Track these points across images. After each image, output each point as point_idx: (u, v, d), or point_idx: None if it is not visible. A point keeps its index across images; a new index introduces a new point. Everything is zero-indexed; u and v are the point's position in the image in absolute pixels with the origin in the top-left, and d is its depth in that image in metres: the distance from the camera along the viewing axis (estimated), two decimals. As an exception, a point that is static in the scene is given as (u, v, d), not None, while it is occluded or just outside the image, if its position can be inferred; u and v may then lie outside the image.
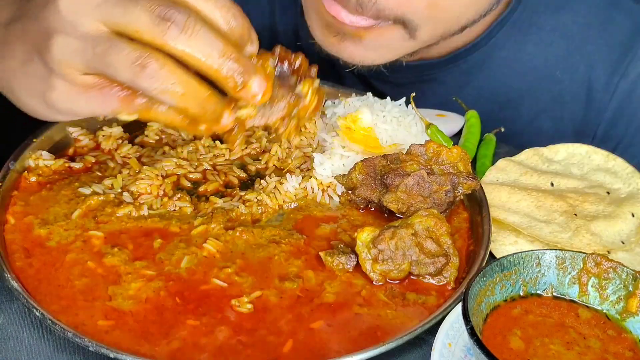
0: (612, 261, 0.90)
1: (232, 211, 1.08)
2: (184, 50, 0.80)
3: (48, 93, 0.87)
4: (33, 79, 0.88)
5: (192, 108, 0.82)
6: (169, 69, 0.80)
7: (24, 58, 0.89)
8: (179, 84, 0.81)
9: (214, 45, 0.80)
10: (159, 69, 0.79)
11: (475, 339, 0.79)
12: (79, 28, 0.82)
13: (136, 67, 0.79)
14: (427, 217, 1.01)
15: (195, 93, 0.82)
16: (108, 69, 0.82)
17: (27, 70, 0.88)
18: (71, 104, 0.87)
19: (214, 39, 0.80)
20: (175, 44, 0.79)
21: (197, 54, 0.80)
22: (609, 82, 1.38)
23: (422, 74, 1.42)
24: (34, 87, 0.89)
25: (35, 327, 0.94)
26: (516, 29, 1.38)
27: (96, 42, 0.81)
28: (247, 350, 0.89)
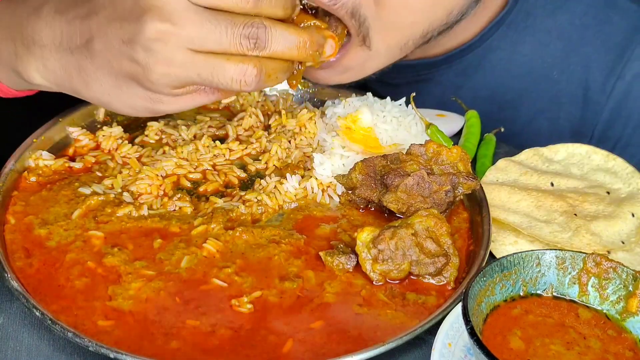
0: (612, 261, 0.90)
1: (232, 211, 1.08)
2: (272, 54, 0.94)
3: (158, 106, 0.99)
4: (132, 98, 0.99)
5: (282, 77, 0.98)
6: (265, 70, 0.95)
7: (116, 84, 0.98)
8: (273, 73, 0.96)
9: (292, 42, 0.96)
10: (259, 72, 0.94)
11: (475, 339, 0.79)
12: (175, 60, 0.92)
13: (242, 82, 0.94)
14: (427, 217, 1.01)
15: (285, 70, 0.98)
16: (216, 84, 0.95)
17: (123, 92, 0.98)
18: (179, 107, 1.00)
19: (290, 36, 0.95)
20: (265, 52, 0.94)
21: (280, 52, 0.95)
22: (605, 83, 1.38)
23: (418, 74, 1.42)
24: (135, 103, 0.99)
25: (35, 327, 0.94)
26: (512, 29, 1.38)
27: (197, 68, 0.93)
28: (247, 350, 0.89)
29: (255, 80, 0.94)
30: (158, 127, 1.25)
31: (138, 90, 0.97)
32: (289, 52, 0.96)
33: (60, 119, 1.22)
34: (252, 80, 0.94)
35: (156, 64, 0.92)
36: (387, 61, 1.24)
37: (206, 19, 0.91)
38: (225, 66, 0.93)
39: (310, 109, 1.29)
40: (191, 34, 0.91)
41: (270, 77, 0.96)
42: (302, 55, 0.97)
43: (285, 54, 0.96)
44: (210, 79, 0.94)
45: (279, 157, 1.20)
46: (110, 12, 0.95)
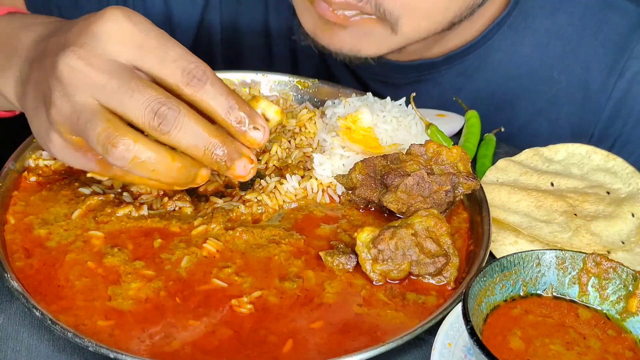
0: (612, 261, 0.90)
1: (232, 211, 1.08)
2: (172, 141, 0.87)
3: (47, 143, 0.94)
4: (41, 126, 0.95)
5: (163, 179, 0.89)
6: (139, 147, 0.86)
7: (36, 105, 0.95)
8: (147, 161, 0.86)
9: (201, 137, 0.87)
10: (127, 149, 0.85)
11: (475, 339, 0.79)
12: (74, 99, 0.88)
13: (107, 145, 0.85)
14: (427, 217, 1.01)
15: (166, 168, 0.88)
16: (87, 141, 0.88)
17: (38, 116, 0.95)
18: (63, 157, 0.95)
19: (202, 131, 0.87)
20: (165, 137, 0.86)
21: (184, 145, 0.87)
22: (605, 83, 1.38)
23: (418, 75, 1.42)
24: (40, 131, 0.95)
25: (35, 327, 0.94)
26: (512, 30, 1.39)
27: (82, 112, 0.87)
28: (247, 350, 0.89)
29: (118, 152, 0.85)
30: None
31: (43, 119, 0.93)
32: (193, 149, 0.87)
33: (60, 119, 1.22)
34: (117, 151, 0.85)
35: (57, 97, 0.88)
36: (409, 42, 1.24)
37: (125, 77, 0.86)
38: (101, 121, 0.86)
39: (310, 109, 1.29)
40: (99, 83, 0.86)
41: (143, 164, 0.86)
42: (206, 159, 0.88)
43: (187, 149, 0.87)
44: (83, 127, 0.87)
45: (279, 157, 1.20)
46: (61, 37, 0.93)
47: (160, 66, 0.88)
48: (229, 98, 0.89)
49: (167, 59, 0.88)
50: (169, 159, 0.88)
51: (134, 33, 0.88)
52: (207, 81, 0.88)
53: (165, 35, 0.90)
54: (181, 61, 0.88)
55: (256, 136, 0.91)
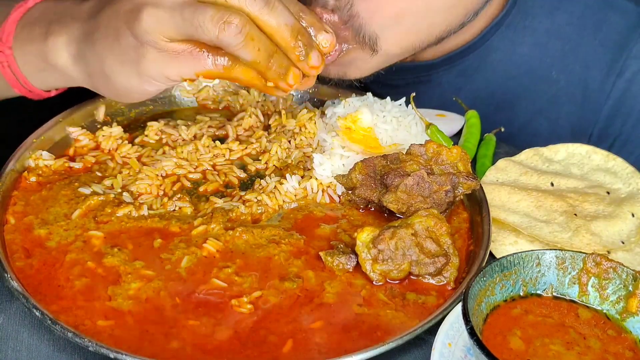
0: (612, 261, 0.90)
1: (232, 211, 1.08)
2: (265, 20, 0.95)
3: (141, 61, 0.98)
4: (126, 51, 0.99)
5: (263, 61, 0.97)
6: (249, 26, 0.94)
7: (116, 35, 0.99)
8: (256, 39, 0.95)
9: (289, 20, 0.96)
10: (242, 26, 0.93)
11: (475, 339, 0.79)
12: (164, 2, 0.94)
13: (222, 24, 0.92)
14: (427, 217, 1.01)
15: (268, 49, 0.96)
16: (196, 29, 0.93)
17: (120, 45, 0.99)
18: (162, 69, 0.99)
19: (289, 15, 0.96)
20: (259, 14, 0.94)
21: (275, 24, 0.95)
22: (604, 82, 1.38)
23: (418, 75, 1.42)
24: (127, 58, 1.00)
25: (35, 327, 0.94)
26: (511, 30, 1.39)
27: (183, 8, 0.93)
28: (247, 350, 0.90)
29: (234, 31, 0.92)
30: (158, 127, 1.25)
31: (129, 43, 0.97)
32: (281, 28, 0.95)
33: (60, 119, 1.22)
34: (232, 30, 0.92)
35: (148, 4, 0.94)
36: (395, 60, 1.24)
37: None
38: (209, 7, 0.92)
39: (310, 109, 1.29)
40: None
41: (253, 41, 0.94)
42: (292, 38, 0.96)
43: (277, 29, 0.95)
44: (190, 19, 0.93)
45: (278, 157, 1.20)
46: None
47: None
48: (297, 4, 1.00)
49: None
50: (269, 40, 0.96)
51: None
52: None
53: None
54: None
55: (326, 37, 1.02)
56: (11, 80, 1.13)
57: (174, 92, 1.34)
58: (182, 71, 0.99)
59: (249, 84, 1.01)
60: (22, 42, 1.11)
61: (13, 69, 1.12)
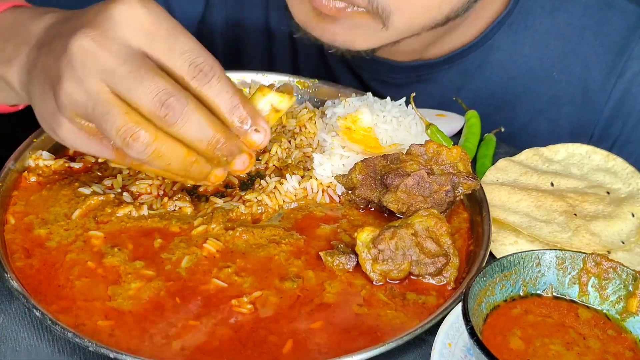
0: (612, 261, 0.90)
1: (232, 211, 1.08)
2: (177, 133, 0.87)
3: (57, 129, 0.93)
4: (48, 111, 0.93)
5: (179, 173, 0.90)
6: (158, 141, 0.86)
7: (44, 89, 0.93)
8: (166, 155, 0.87)
9: (205, 131, 0.87)
10: (149, 143, 0.86)
11: (475, 339, 0.79)
12: (84, 83, 0.87)
13: (127, 140, 0.85)
14: (427, 217, 1.01)
15: (181, 161, 0.89)
16: (104, 131, 0.87)
17: (45, 101, 0.93)
18: (74, 143, 0.93)
19: (207, 126, 0.87)
20: (171, 128, 0.86)
21: (188, 138, 0.87)
22: (605, 83, 1.38)
23: (418, 74, 1.42)
24: (48, 118, 0.94)
25: (35, 327, 0.94)
26: (512, 30, 1.39)
27: (96, 102, 0.87)
28: (247, 351, 0.89)
29: (139, 146, 0.85)
30: (158, 127, 1.25)
31: (50, 104, 0.92)
32: (197, 142, 0.88)
33: (60, 119, 1.22)
34: (137, 147, 0.85)
35: (67, 79, 0.88)
36: (403, 36, 1.23)
37: (136, 63, 0.86)
38: (119, 115, 0.86)
39: (310, 109, 1.29)
40: (110, 66, 0.86)
41: (161, 158, 0.87)
42: (208, 152, 0.89)
43: (191, 142, 0.88)
44: (99, 118, 0.87)
45: (278, 157, 1.20)
46: (74, 21, 0.92)
47: (169, 56, 0.88)
48: (233, 96, 0.89)
49: (176, 49, 0.88)
50: (184, 153, 0.89)
51: (147, 20, 0.88)
52: (213, 76, 0.88)
53: (178, 27, 0.90)
54: (190, 53, 0.88)
55: (256, 138, 0.91)
56: None
57: (174, 92, 1.34)
58: (92, 152, 0.95)
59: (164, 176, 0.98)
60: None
61: None
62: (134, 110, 0.86)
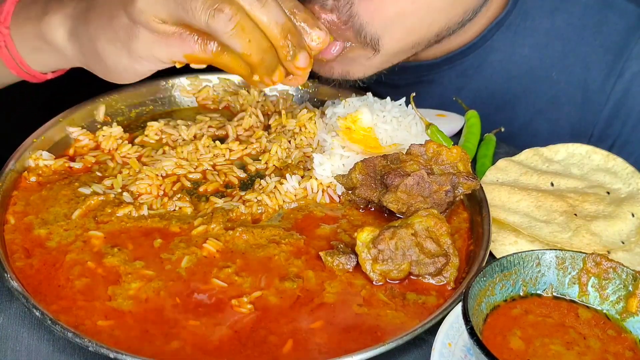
0: (612, 261, 0.90)
1: (232, 211, 1.09)
2: (256, 16, 0.94)
3: (132, 41, 0.98)
4: (118, 30, 0.99)
5: (254, 55, 0.95)
6: (241, 15, 0.93)
7: (110, 14, 1.00)
8: (247, 30, 0.94)
9: (280, 18, 0.96)
10: (233, 14, 0.92)
11: (475, 339, 0.79)
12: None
13: (213, 11, 0.92)
14: (427, 217, 1.01)
15: (258, 42, 0.95)
16: (187, 14, 0.93)
17: (113, 24, 1.00)
18: (152, 50, 0.99)
19: (280, 13, 0.96)
20: (250, 9, 0.93)
21: (265, 21, 0.95)
22: (604, 83, 1.38)
23: (418, 75, 1.42)
24: (119, 39, 1.00)
25: (35, 327, 0.94)
26: (511, 31, 1.39)
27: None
28: (247, 350, 0.90)
29: (224, 18, 0.92)
30: (158, 127, 1.25)
31: (123, 22, 0.98)
32: (272, 25, 0.95)
33: (60, 119, 1.22)
34: (222, 18, 0.91)
35: None
36: (398, 59, 1.24)
37: None
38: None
39: (310, 109, 1.29)
40: None
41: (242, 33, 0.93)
42: (281, 36, 0.95)
43: (267, 25, 0.94)
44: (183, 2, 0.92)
45: (278, 157, 1.20)
46: None
47: None
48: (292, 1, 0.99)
49: None
50: (261, 34, 0.95)
51: None
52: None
53: None
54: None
55: (319, 34, 1.00)
56: (8, 61, 1.14)
57: (174, 92, 1.34)
58: (171, 53, 0.99)
59: (235, 72, 1.01)
60: (20, 22, 1.11)
61: (10, 49, 1.13)
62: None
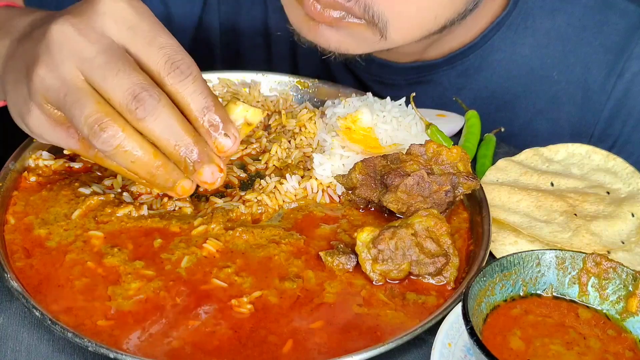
0: (612, 261, 0.90)
1: (232, 211, 1.08)
2: (145, 129, 0.85)
3: (25, 115, 0.93)
4: (19, 98, 0.93)
5: (142, 174, 0.88)
6: (125, 136, 0.85)
7: (18, 77, 0.93)
8: (131, 152, 0.86)
9: (174, 131, 0.86)
10: (114, 136, 0.84)
11: (475, 339, 0.79)
12: (59, 68, 0.87)
13: (94, 128, 0.84)
14: (427, 217, 1.01)
15: (145, 162, 0.87)
16: (72, 118, 0.86)
17: (17, 88, 0.93)
18: (41, 131, 0.93)
19: (177, 126, 0.86)
20: (140, 123, 0.85)
21: (156, 135, 0.86)
22: (605, 83, 1.38)
23: (418, 75, 1.42)
24: (19, 106, 0.94)
25: (35, 327, 0.94)
26: (512, 31, 1.39)
27: (69, 88, 0.86)
28: (247, 350, 0.89)
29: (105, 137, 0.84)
30: (158, 127, 1.25)
31: (23, 92, 0.92)
32: (164, 141, 0.86)
33: (60, 119, 1.22)
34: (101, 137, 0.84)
35: (43, 63, 0.87)
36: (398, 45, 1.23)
37: (114, 55, 0.86)
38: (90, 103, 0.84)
39: (310, 109, 1.29)
40: (87, 54, 0.85)
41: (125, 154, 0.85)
42: (175, 151, 0.86)
43: (159, 140, 0.86)
44: (70, 105, 0.86)
45: (278, 157, 1.20)
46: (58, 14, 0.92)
47: (148, 50, 0.87)
48: (207, 98, 0.88)
49: (155, 44, 0.87)
50: (151, 154, 0.87)
51: (130, 14, 0.88)
52: (189, 75, 0.87)
53: (159, 24, 0.89)
54: (169, 49, 0.87)
55: (225, 143, 0.89)
56: None
57: (174, 92, 1.34)
58: (57, 141, 0.94)
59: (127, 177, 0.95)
60: None
61: None
62: (106, 101, 0.86)
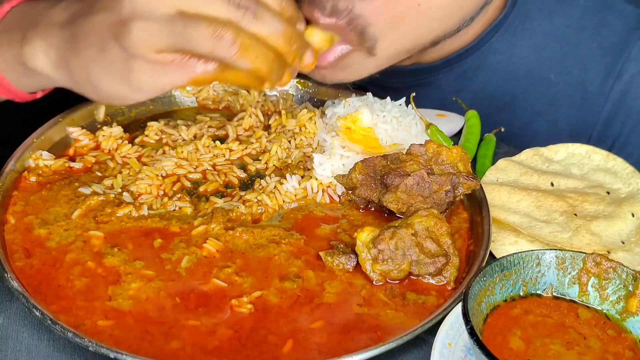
0: (612, 261, 0.90)
1: (232, 211, 1.08)
2: (255, 31, 0.93)
3: (131, 73, 0.96)
4: (113, 64, 0.96)
5: (262, 69, 0.95)
6: (243, 37, 0.92)
7: (101, 47, 0.96)
8: (251, 49, 0.93)
9: (279, 28, 0.95)
10: (236, 38, 0.91)
11: (475, 339, 0.79)
12: (156, 13, 0.92)
13: (215, 39, 0.91)
14: (427, 217, 1.01)
15: (264, 56, 0.94)
16: (189, 43, 0.92)
17: (106, 57, 0.96)
18: (153, 80, 0.96)
19: (279, 23, 0.95)
20: (249, 27, 0.93)
21: (266, 34, 0.94)
22: (603, 84, 1.38)
23: (417, 78, 1.42)
24: (115, 71, 0.97)
25: (35, 327, 0.94)
26: (510, 33, 1.39)
27: (173, 22, 0.91)
28: (247, 350, 0.90)
29: (228, 44, 0.91)
30: (158, 127, 1.25)
31: (116, 55, 0.95)
32: (273, 37, 0.94)
33: (60, 119, 1.22)
34: (224, 44, 0.91)
35: (136, 18, 0.91)
36: (390, 63, 1.24)
37: None
38: (202, 23, 0.91)
39: (310, 109, 1.29)
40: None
41: (247, 52, 0.92)
42: (284, 46, 0.96)
43: (269, 38, 0.94)
44: (182, 34, 0.91)
45: (279, 157, 1.20)
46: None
47: None
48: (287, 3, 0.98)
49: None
50: (266, 48, 0.95)
51: None
52: None
53: None
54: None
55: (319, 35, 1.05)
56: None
57: (174, 92, 1.34)
58: (173, 80, 0.97)
59: (241, 85, 1.00)
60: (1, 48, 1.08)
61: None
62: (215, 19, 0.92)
